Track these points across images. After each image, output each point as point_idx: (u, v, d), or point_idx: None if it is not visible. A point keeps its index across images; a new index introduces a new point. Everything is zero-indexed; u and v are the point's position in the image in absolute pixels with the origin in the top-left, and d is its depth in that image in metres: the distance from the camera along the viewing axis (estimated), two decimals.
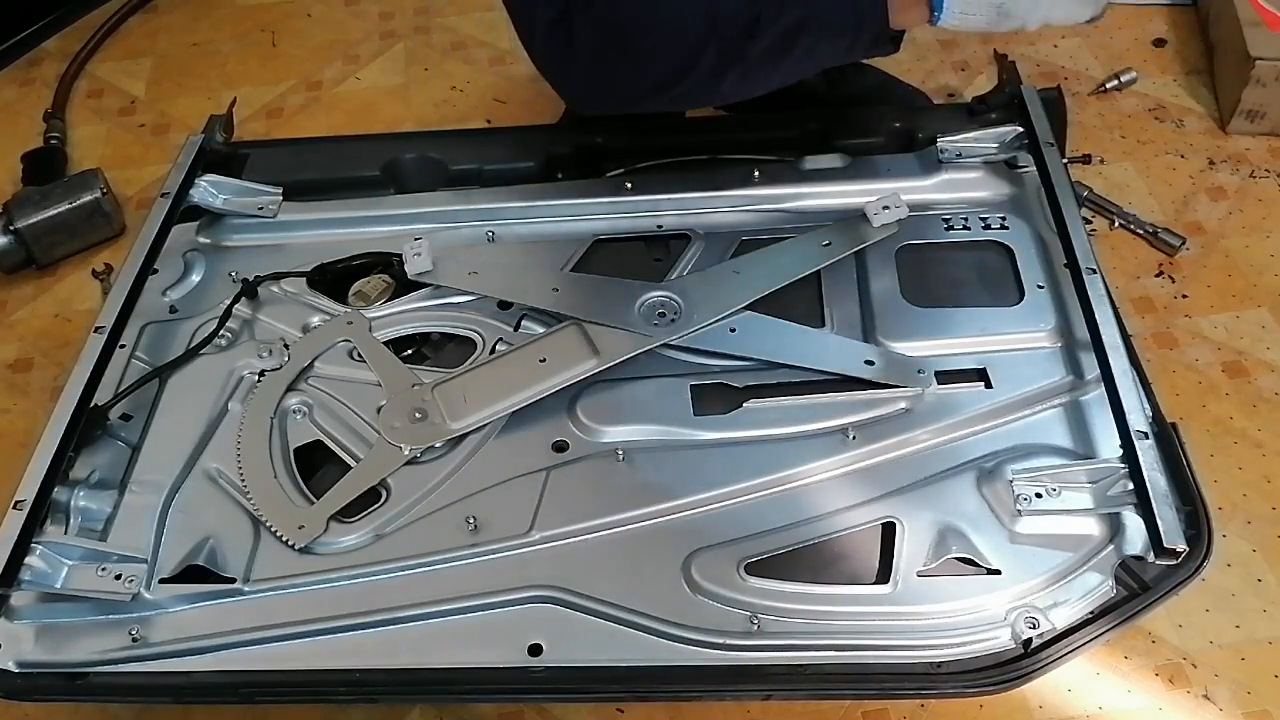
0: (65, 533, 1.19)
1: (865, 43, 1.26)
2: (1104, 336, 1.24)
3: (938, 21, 1.20)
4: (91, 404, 1.27)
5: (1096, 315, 1.26)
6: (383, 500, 1.23)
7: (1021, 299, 1.36)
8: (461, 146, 1.61)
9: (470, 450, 1.26)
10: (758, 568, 1.14)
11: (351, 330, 1.39)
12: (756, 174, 1.53)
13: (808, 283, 1.40)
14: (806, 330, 1.35)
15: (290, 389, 1.33)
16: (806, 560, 1.16)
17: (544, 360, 1.31)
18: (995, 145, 1.52)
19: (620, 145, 1.60)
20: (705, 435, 1.26)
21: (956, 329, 1.34)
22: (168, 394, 1.34)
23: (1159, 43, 2.08)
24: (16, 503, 1.16)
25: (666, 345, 1.33)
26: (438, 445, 1.26)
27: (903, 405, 1.27)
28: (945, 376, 1.29)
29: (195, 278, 1.50)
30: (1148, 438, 1.14)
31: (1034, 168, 1.47)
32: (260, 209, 1.55)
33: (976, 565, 1.13)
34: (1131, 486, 1.12)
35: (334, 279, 1.48)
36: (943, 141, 1.51)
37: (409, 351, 1.40)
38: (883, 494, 1.20)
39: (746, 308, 1.36)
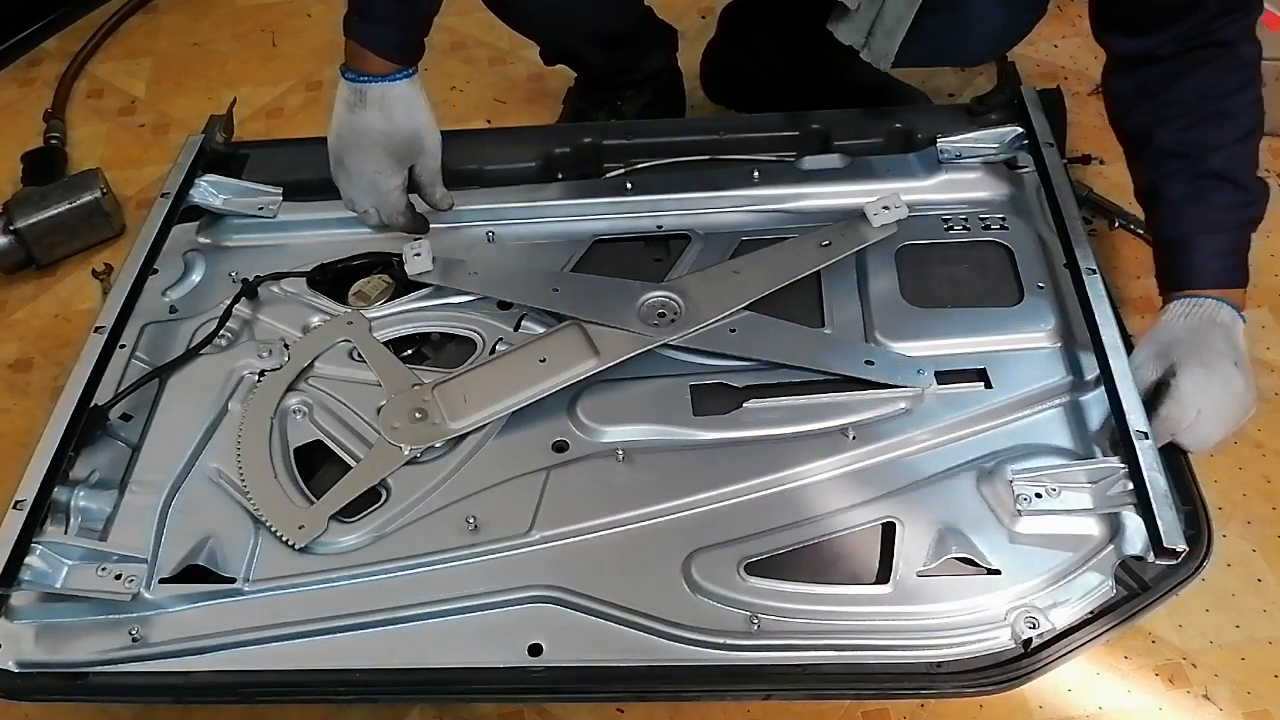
0: (65, 533, 1.19)
1: None
2: (1104, 336, 1.24)
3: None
4: (91, 404, 1.27)
5: (1096, 315, 1.26)
6: (383, 500, 1.23)
7: (1021, 299, 1.37)
8: (461, 146, 1.60)
9: (470, 450, 1.26)
10: (758, 568, 1.14)
11: (351, 330, 1.39)
12: (756, 174, 1.53)
13: (808, 283, 1.40)
14: (806, 330, 1.35)
15: (290, 389, 1.33)
16: (806, 560, 1.16)
17: (544, 360, 1.31)
18: (995, 145, 1.52)
19: (620, 145, 1.60)
20: (705, 435, 1.26)
21: (956, 329, 1.34)
22: (168, 394, 1.34)
23: None
24: (16, 503, 1.16)
25: (666, 345, 1.33)
26: (438, 445, 1.26)
27: (903, 405, 1.27)
28: (945, 376, 1.29)
29: (195, 278, 1.50)
30: (1147, 438, 1.14)
31: (1034, 168, 1.48)
32: (260, 209, 1.55)
33: (976, 565, 1.13)
34: (1131, 486, 1.12)
35: (334, 279, 1.48)
36: (943, 142, 1.51)
37: (409, 351, 1.40)
38: (882, 494, 1.20)
39: (746, 308, 1.36)
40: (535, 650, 1.10)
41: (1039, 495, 1.15)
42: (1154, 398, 1.20)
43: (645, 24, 1.88)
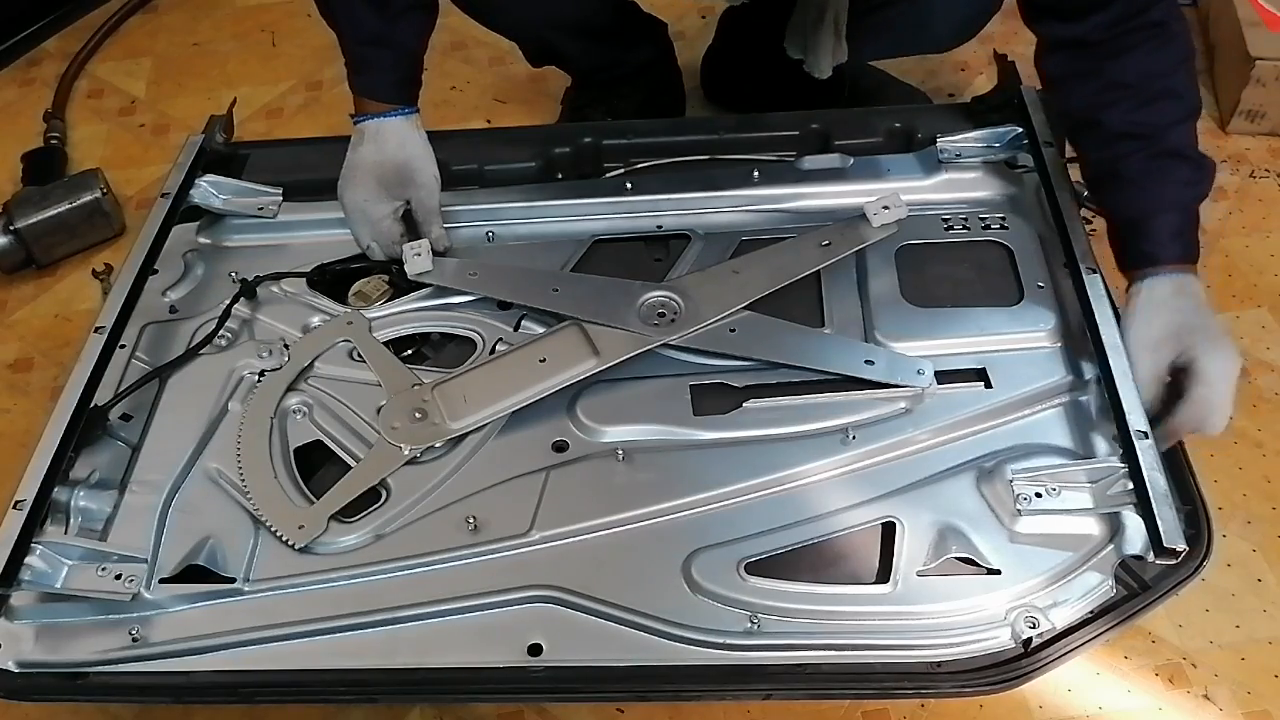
0: (65, 533, 1.19)
1: None
2: (1104, 336, 1.24)
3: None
4: (91, 404, 1.27)
5: (1096, 315, 1.26)
6: (383, 500, 1.23)
7: (1021, 299, 1.36)
8: (461, 146, 1.61)
9: (470, 450, 1.26)
10: (758, 568, 1.14)
11: (351, 330, 1.39)
12: (756, 174, 1.53)
13: (808, 283, 1.40)
14: (806, 330, 1.35)
15: (290, 389, 1.33)
16: (806, 560, 1.16)
17: (544, 360, 1.31)
18: (995, 145, 1.52)
19: (620, 145, 1.60)
20: (705, 435, 1.26)
21: (956, 329, 1.34)
22: (168, 394, 1.34)
23: None
24: (16, 503, 1.16)
25: (666, 345, 1.33)
26: (438, 445, 1.26)
27: (903, 405, 1.27)
28: (945, 376, 1.29)
29: (195, 278, 1.50)
30: (1147, 438, 1.14)
31: (1034, 168, 1.48)
32: (260, 209, 1.55)
33: (976, 565, 1.13)
34: (1131, 486, 1.12)
35: (334, 279, 1.48)
36: (943, 141, 1.51)
37: (409, 351, 1.40)
38: (882, 494, 1.20)
39: (746, 308, 1.36)
40: (535, 650, 1.10)
41: (1039, 495, 1.15)
42: (1175, 384, 1.20)
43: (626, 16, 1.87)
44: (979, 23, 1.68)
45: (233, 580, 1.16)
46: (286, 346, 1.38)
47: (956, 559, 1.13)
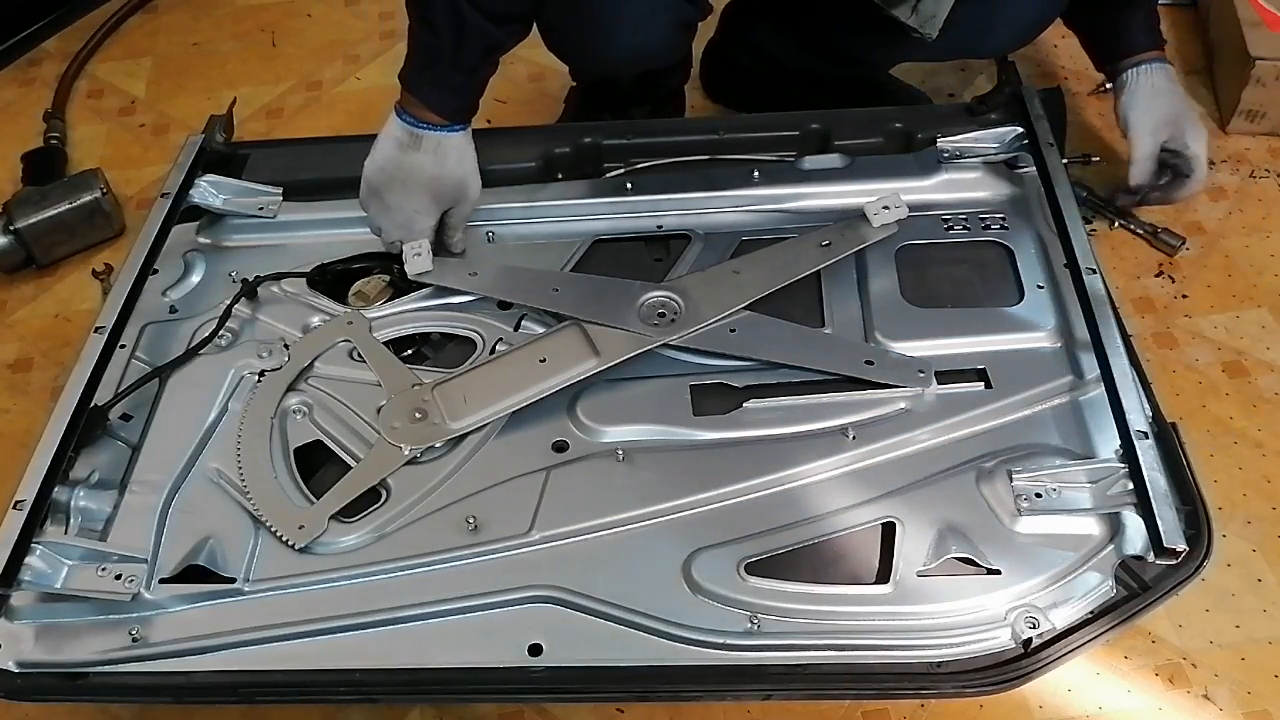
0: (65, 533, 1.20)
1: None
2: (1104, 336, 1.24)
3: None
4: (91, 404, 1.27)
5: (1096, 315, 1.26)
6: (383, 500, 1.23)
7: (1021, 299, 1.37)
8: None
9: (470, 450, 1.26)
10: (758, 568, 1.14)
11: (351, 330, 1.39)
12: (756, 174, 1.53)
13: (808, 283, 1.40)
14: (806, 330, 1.35)
15: (290, 389, 1.33)
16: (806, 560, 1.16)
17: (544, 360, 1.31)
18: (995, 145, 1.52)
19: (620, 145, 1.60)
20: (705, 435, 1.26)
21: (956, 329, 1.34)
22: (168, 394, 1.34)
23: None
24: (16, 503, 1.16)
25: (666, 345, 1.33)
26: (438, 445, 1.26)
27: (903, 405, 1.27)
28: (945, 376, 1.29)
29: (195, 278, 1.50)
30: (1148, 438, 1.15)
31: (1034, 168, 1.48)
32: (260, 209, 1.55)
33: (976, 565, 1.13)
34: (1131, 486, 1.12)
35: (334, 279, 1.48)
36: (943, 141, 1.51)
37: (409, 351, 1.40)
38: (882, 494, 1.20)
39: (746, 308, 1.36)
40: (535, 650, 1.10)
41: (1039, 495, 1.15)
42: (1168, 162, 1.57)
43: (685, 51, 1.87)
44: (1038, 30, 1.67)
45: (233, 580, 1.16)
46: (286, 346, 1.38)
47: (956, 559, 1.13)
